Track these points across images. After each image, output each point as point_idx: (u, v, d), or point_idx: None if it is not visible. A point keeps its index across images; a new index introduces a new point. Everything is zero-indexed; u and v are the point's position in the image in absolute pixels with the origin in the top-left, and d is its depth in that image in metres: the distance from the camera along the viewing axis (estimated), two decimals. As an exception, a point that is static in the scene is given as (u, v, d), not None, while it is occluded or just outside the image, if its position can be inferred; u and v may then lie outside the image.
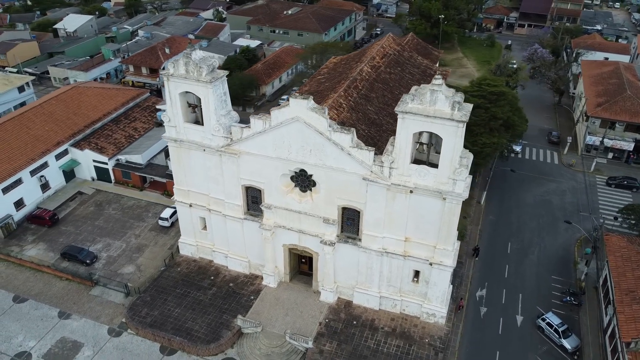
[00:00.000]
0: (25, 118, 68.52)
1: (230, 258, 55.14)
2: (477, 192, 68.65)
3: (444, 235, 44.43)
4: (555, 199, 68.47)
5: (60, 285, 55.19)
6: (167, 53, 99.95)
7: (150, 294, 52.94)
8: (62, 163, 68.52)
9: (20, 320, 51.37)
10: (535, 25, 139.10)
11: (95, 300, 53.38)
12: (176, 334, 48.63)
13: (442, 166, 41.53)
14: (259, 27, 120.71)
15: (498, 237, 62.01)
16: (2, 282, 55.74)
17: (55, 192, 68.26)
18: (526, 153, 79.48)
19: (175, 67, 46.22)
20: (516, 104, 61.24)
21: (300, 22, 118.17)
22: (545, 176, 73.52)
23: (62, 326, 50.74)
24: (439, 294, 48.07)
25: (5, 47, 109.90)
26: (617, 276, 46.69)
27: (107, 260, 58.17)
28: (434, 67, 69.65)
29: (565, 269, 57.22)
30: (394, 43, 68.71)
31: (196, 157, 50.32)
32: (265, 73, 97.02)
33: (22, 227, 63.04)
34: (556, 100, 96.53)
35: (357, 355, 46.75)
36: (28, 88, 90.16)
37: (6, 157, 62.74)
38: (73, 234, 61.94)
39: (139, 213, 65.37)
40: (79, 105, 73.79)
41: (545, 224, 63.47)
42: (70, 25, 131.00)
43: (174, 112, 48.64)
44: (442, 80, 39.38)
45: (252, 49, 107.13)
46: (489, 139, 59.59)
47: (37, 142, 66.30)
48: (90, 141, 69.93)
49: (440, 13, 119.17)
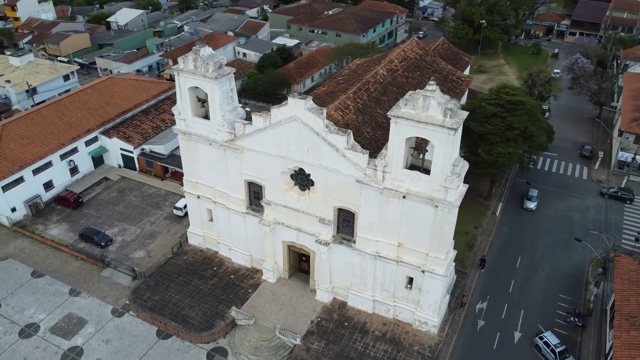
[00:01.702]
0: (61, 105, 72.72)
1: (234, 251, 56.54)
2: (493, 202, 67.03)
3: (437, 243, 43.83)
4: (576, 216, 65.71)
5: (75, 264, 58.37)
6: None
7: (154, 279, 55.13)
8: (92, 149, 72.28)
9: (35, 293, 54.78)
10: (587, 34, 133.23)
11: (104, 281, 56.13)
12: (172, 319, 50.46)
13: (434, 173, 41.04)
14: (299, 26, 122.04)
15: (509, 250, 60.28)
16: (25, 257, 59.56)
17: (83, 177, 72.12)
18: (554, 166, 76.59)
19: (184, 63, 47.96)
20: (536, 114, 59.21)
21: (339, 22, 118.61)
22: (570, 191, 70.65)
23: (71, 303, 53.73)
24: (431, 303, 47.44)
25: (59, 37, 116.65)
26: (620, 300, 44.51)
27: (120, 244, 60.97)
28: (457, 73, 68.41)
29: (575, 288, 54.96)
30: (417, 47, 67.99)
31: (203, 150, 51.95)
32: (297, 72, 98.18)
33: (49, 207, 67.05)
34: (596, 113, 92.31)
35: (344, 357, 46.91)
36: (73, 77, 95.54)
37: (39, 140, 66.88)
38: (94, 217, 65.27)
39: (157, 201, 68.02)
40: (112, 96, 77.47)
41: (561, 241, 61.11)
42: (122, 19, 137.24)
43: (184, 105, 50.45)
44: (435, 87, 38.94)
45: (287, 48, 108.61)
46: (504, 149, 58.01)
47: (69, 128, 70.24)
48: (119, 130, 73.33)
49: (482, 18, 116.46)
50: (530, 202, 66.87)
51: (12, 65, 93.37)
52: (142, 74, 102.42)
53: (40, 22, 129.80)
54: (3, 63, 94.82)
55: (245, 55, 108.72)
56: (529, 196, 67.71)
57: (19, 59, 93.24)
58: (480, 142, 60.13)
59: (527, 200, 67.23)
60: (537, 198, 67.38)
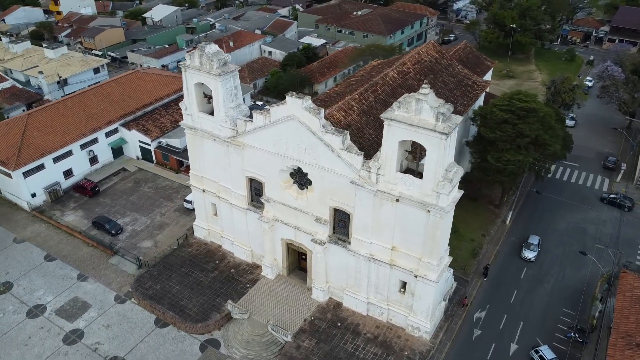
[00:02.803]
0: (85, 97, 75.48)
1: (236, 245, 57.44)
2: (504, 210, 65.60)
3: (429, 248, 43.38)
4: (590, 229, 63.55)
5: (85, 251, 60.55)
6: (231, 46, 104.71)
7: (157, 269, 56.60)
8: (111, 141, 74.70)
9: (45, 276, 57.16)
10: (627, 41, 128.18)
11: (111, 268, 58.02)
12: (170, 309, 51.72)
13: (426, 178, 40.65)
14: (327, 26, 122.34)
15: (515, 260, 58.90)
16: (40, 241, 62.19)
17: (102, 166, 74.64)
18: (573, 176, 74.24)
19: (191, 59, 49.08)
20: (549, 122, 57.55)
21: (366, 23, 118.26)
22: (587, 203, 68.35)
23: (77, 287, 55.81)
24: (424, 308, 46.95)
25: (95, 32, 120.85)
26: (620, 317, 42.93)
27: (130, 233, 62.85)
28: (473, 77, 67.22)
29: (580, 303, 53.22)
30: (433, 50, 67.21)
31: (208, 146, 53.01)
32: (319, 72, 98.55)
33: (67, 194, 69.71)
34: (626, 123, 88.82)
35: (332, 357, 47.01)
36: (103, 70, 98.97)
37: (61, 130, 69.63)
38: (108, 206, 67.50)
39: (169, 194, 69.73)
40: (135, 89, 79.81)
41: (571, 253, 59.25)
42: (157, 15, 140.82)
43: (190, 101, 51.60)
44: (429, 90, 38.54)
45: (313, 47, 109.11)
46: (513, 156, 56.68)
47: (91, 119, 72.82)
48: (138, 123, 75.51)
49: (514, 22, 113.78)
50: (529, 251, 58.36)
51: (47, 57, 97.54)
52: (167, 69, 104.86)
53: (79, 17, 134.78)
54: (39, 55, 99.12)
55: (271, 54, 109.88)
56: (528, 244, 59.15)
57: (53, 52, 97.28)
58: (490, 149, 58.98)
59: (525, 248, 58.71)
60: (537, 247, 58.80)
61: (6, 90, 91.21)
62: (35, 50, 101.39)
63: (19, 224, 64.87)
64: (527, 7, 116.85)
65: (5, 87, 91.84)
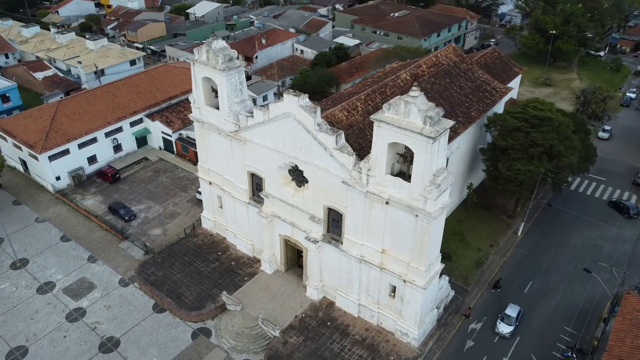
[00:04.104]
0: (114, 87, 78.59)
1: (238, 239, 58.38)
2: (517, 221, 63.50)
3: (417, 253, 42.72)
4: (607, 246, 60.60)
5: (99, 234, 63.14)
6: (263, 43, 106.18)
7: (162, 256, 58.31)
8: (136, 130, 77.44)
9: (59, 256, 60.02)
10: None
11: (120, 253, 60.25)
12: (168, 295, 53.20)
13: (414, 182, 40.07)
14: (362, 26, 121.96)
15: (521, 273, 57.01)
16: (59, 222, 65.34)
17: (126, 155, 77.50)
18: (598, 190, 70.92)
19: (199, 54, 50.32)
20: (565, 132, 55.22)
21: (402, 25, 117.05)
22: (609, 219, 65.16)
23: (87, 268, 58.31)
24: (413, 314, 46.23)
25: (137, 25, 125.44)
26: (615, 340, 40.83)
27: (143, 220, 65.03)
28: (493, 83, 65.45)
29: (584, 322, 50.94)
30: (453, 54, 65.90)
31: (214, 139, 54.13)
32: (347, 72, 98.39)
33: (90, 179, 72.85)
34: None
35: (317, 355, 47.06)
36: (139, 62, 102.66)
37: (88, 118, 72.83)
38: (126, 193, 70.08)
39: (185, 184, 71.63)
40: (162, 82, 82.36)
41: (582, 271, 56.58)
42: (200, 11, 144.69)
43: (198, 94, 52.87)
44: (418, 93, 37.97)
45: (345, 47, 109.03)
46: (524, 166, 54.82)
47: (117, 109, 75.74)
48: (162, 114, 77.93)
49: (556, 29, 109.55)
50: (505, 325, 49.25)
51: (88, 48, 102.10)
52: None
53: (125, 10, 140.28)
54: (81, 45, 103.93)
55: (303, 52, 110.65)
56: (504, 315, 49.98)
57: (94, 43, 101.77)
58: (502, 157, 57.31)
59: (500, 321, 49.80)
60: (515, 321, 49.48)
61: (48, 78, 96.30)
62: (79, 41, 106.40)
63: (42, 204, 68.38)
64: (571, 13, 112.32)
65: (48, 75, 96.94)
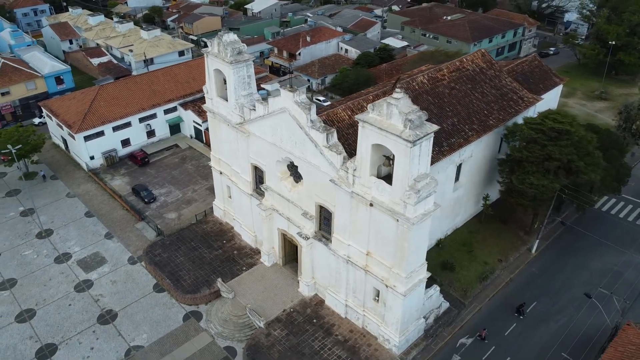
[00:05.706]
0: (153, 75, 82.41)
1: (243, 229, 59.63)
2: (534, 238, 60.40)
3: (398, 259, 41.92)
4: (629, 274, 56.33)
5: (120, 213, 66.60)
6: (308, 41, 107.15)
7: (170, 239, 60.65)
8: (169, 118, 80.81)
9: (80, 229, 63.95)
10: None
11: (134, 232, 63.28)
12: (168, 276, 55.34)
13: (394, 185, 39.39)
14: (412, 28, 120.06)
15: (525, 291, 54.27)
16: (87, 198, 69.54)
17: (159, 140, 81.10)
18: (632, 214, 65.95)
19: (211, 46, 51.86)
20: (586, 147, 51.81)
21: (452, 28, 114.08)
22: (636, 246, 60.54)
23: (102, 244, 61.74)
24: (394, 320, 45.38)
25: (194, 18, 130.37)
26: (600, 372, 38.11)
27: (161, 204, 67.89)
28: (521, 92, 62.54)
29: (585, 350, 47.81)
30: (481, 59, 63.61)
31: (223, 129, 55.63)
32: (387, 73, 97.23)
33: (122, 161, 76.92)
34: None
35: (296, 351, 47.30)
36: (187, 53, 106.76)
37: (124, 103, 76.86)
38: (152, 176, 73.38)
39: (207, 173, 73.88)
40: (200, 73, 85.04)
41: (594, 297, 53.07)
42: (257, 7, 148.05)
43: (210, 85, 54.51)
44: (402, 95, 37.23)
45: (389, 49, 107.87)
46: (538, 180, 52.10)
47: (153, 96, 79.37)
48: (195, 104, 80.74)
49: (619, 39, 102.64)
50: None
51: (142, 37, 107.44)
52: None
53: (187, 3, 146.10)
54: (136, 35, 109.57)
55: (347, 52, 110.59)
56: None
57: (147, 33, 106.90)
58: (517, 169, 54.83)
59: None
60: None
61: (103, 64, 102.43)
62: (135, 31, 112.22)
63: (75, 181, 73.02)
64: (638, 23, 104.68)
65: (103, 61, 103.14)
